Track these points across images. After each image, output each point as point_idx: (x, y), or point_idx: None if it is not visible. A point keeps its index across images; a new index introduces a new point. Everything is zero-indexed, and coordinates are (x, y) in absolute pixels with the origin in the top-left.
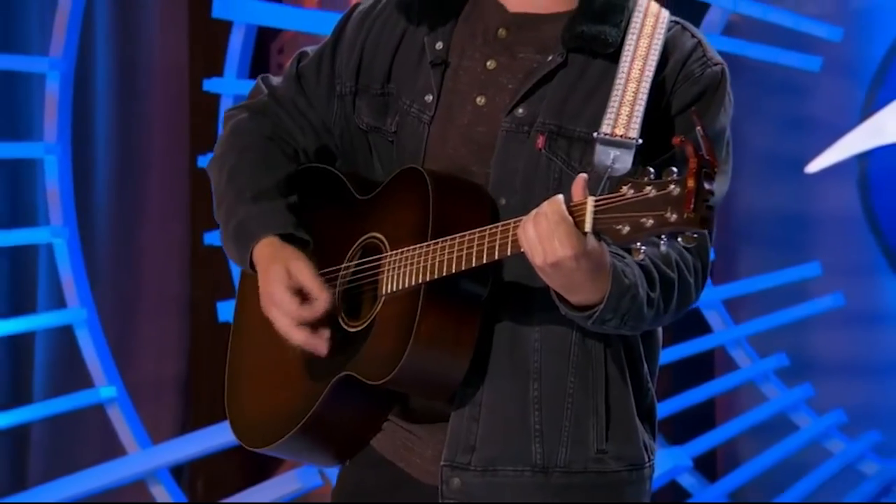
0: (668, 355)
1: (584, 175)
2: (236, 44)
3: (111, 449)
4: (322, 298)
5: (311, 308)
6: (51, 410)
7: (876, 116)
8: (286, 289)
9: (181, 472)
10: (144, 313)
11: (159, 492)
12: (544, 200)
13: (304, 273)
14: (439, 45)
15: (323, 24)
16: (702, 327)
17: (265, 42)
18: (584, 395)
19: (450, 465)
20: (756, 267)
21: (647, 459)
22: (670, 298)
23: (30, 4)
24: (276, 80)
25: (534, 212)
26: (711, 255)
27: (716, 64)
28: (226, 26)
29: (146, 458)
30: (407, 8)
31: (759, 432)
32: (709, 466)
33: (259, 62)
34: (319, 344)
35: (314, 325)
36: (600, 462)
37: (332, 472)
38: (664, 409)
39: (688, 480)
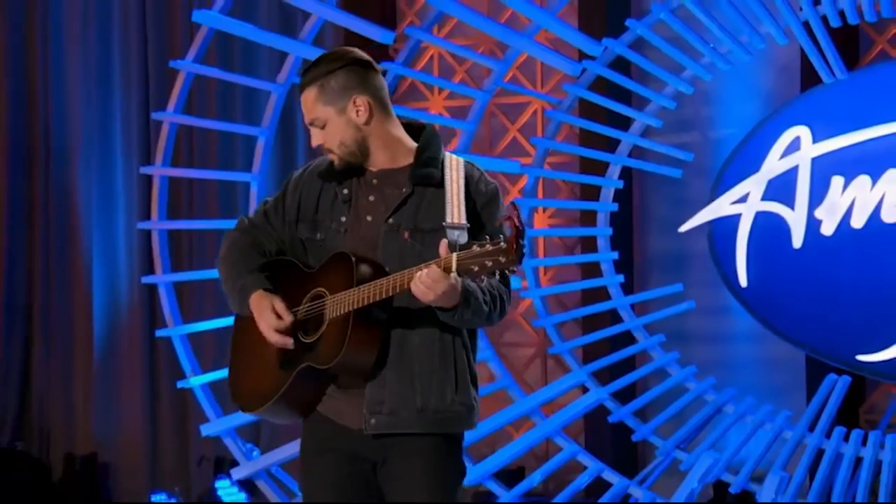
0: (605, 334)
1: (445, 240)
2: None
3: None
4: (287, 319)
5: (282, 322)
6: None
7: (716, 201)
8: (271, 311)
9: None
10: None
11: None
12: (411, 267)
13: (279, 305)
14: (346, 192)
15: None
16: (617, 319)
17: None
18: (443, 370)
19: (369, 411)
20: (653, 284)
21: (474, 404)
22: (496, 305)
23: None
24: (252, 216)
25: (422, 272)
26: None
27: (490, 184)
28: None
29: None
30: (324, 174)
31: (651, 378)
32: (624, 396)
33: None
34: (287, 342)
35: (283, 333)
36: (452, 406)
37: None
38: (597, 365)
39: (610, 404)
